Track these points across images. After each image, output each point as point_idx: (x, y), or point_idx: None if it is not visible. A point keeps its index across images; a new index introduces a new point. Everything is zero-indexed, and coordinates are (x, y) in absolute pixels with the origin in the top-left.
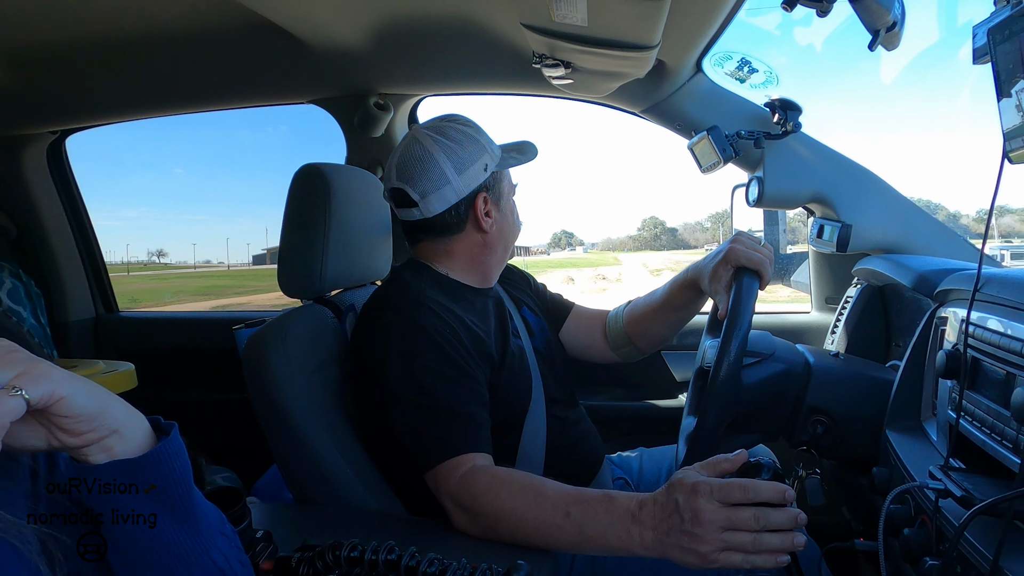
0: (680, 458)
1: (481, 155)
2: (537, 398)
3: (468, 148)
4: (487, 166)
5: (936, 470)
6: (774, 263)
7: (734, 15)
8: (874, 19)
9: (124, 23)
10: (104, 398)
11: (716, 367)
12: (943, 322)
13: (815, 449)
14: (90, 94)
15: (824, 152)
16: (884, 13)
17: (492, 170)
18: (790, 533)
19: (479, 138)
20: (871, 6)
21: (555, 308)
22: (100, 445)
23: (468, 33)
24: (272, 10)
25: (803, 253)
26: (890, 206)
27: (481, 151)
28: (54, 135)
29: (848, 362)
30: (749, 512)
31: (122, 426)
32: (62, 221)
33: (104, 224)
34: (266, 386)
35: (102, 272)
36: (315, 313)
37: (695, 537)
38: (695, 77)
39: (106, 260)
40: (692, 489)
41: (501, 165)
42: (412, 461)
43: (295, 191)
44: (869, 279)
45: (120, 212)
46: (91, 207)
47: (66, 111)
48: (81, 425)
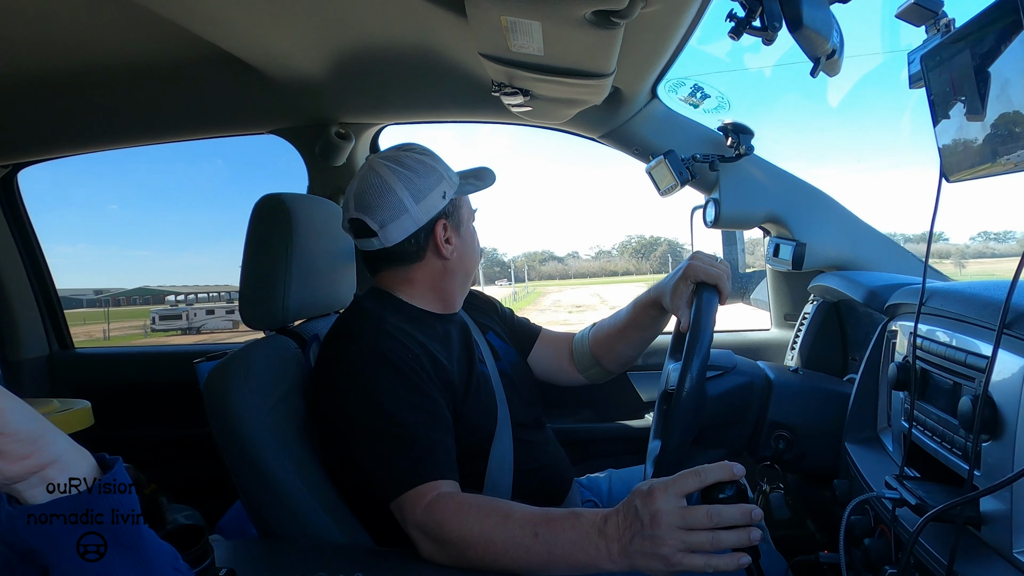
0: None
1: (438, 183)
2: (503, 423)
3: (425, 176)
4: (445, 193)
5: (892, 479)
6: (732, 281)
7: (685, 43)
8: (814, 48)
9: (80, 54)
10: (44, 425)
11: (680, 381)
12: (893, 335)
13: (778, 463)
14: (44, 127)
15: (777, 173)
16: (823, 42)
17: (451, 197)
18: (746, 529)
19: (436, 166)
20: (810, 36)
21: (523, 333)
22: (41, 476)
23: (428, 63)
24: (231, 42)
25: (761, 271)
26: (841, 224)
27: (438, 179)
28: (5, 169)
29: (807, 377)
30: (702, 510)
31: (63, 456)
32: (14, 256)
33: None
34: (228, 420)
35: (56, 307)
36: (278, 344)
37: (655, 539)
38: (651, 103)
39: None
40: (648, 492)
41: (460, 192)
42: (377, 491)
43: (256, 222)
44: (824, 295)
45: (56, 248)
46: None
47: (18, 144)
48: (18, 447)
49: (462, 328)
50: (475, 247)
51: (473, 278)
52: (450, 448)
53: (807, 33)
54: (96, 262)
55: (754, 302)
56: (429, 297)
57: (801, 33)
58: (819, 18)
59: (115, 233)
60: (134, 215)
